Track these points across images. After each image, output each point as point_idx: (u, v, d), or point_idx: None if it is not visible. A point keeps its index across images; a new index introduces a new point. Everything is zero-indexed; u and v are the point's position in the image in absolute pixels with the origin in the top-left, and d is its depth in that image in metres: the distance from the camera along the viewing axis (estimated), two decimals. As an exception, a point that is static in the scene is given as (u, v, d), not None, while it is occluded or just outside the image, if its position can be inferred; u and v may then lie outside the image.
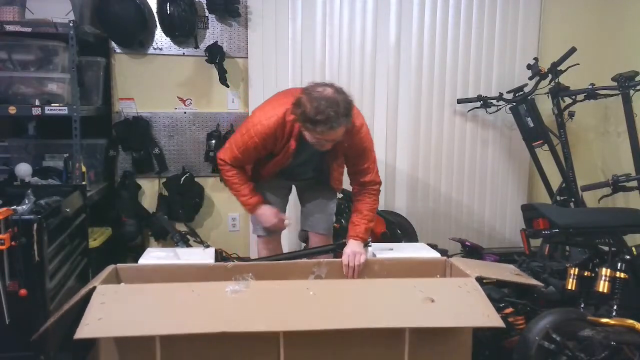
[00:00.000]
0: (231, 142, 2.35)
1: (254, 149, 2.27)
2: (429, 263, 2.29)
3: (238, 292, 1.80)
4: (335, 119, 2.02)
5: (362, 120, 2.30)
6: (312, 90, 2.06)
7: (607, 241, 2.22)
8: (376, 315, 1.77)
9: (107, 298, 1.74)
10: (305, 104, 2.03)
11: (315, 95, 2.03)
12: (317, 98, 2.02)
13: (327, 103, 2.01)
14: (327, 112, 2.00)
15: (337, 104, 2.02)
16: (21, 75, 2.86)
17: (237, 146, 2.30)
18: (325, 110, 1.99)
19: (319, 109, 2.00)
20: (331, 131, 2.05)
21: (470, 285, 1.91)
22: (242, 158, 2.33)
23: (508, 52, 3.63)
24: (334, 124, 2.02)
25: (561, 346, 1.94)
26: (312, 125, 2.05)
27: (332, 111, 2.00)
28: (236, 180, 2.36)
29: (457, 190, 3.73)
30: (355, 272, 2.20)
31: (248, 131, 2.26)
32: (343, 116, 2.04)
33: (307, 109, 2.02)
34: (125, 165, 3.45)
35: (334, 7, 3.47)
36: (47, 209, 2.21)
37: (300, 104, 2.05)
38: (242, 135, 2.29)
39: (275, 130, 2.22)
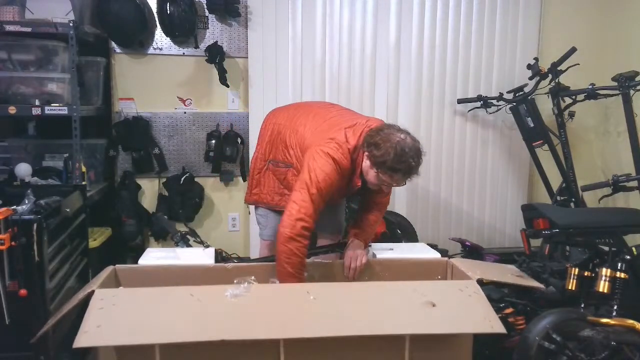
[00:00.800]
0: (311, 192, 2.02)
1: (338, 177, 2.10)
2: (429, 264, 2.29)
3: (238, 296, 1.79)
4: (415, 169, 2.05)
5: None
6: (390, 135, 2.03)
7: (607, 241, 2.22)
8: (377, 321, 1.76)
9: (106, 303, 1.73)
10: (387, 150, 2.00)
11: (398, 142, 2.01)
12: (402, 145, 2.01)
13: (410, 152, 2.02)
14: (409, 162, 2.02)
15: (418, 153, 2.04)
16: (21, 75, 2.86)
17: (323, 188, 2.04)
18: (408, 160, 2.01)
19: (403, 158, 2.01)
20: (405, 177, 2.07)
21: (471, 289, 1.90)
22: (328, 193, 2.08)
23: (508, 52, 3.63)
24: (411, 173, 2.06)
25: (561, 346, 1.93)
26: (390, 172, 2.04)
27: (414, 161, 2.03)
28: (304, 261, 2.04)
29: (457, 190, 3.73)
30: (355, 273, 2.19)
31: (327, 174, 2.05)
32: (418, 165, 2.06)
33: (388, 156, 2.00)
34: (125, 165, 3.45)
35: (334, 7, 3.47)
36: (47, 209, 2.21)
37: (378, 147, 2.02)
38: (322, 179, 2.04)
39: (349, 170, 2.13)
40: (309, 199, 2.02)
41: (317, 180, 2.04)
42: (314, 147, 2.14)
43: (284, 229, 2.00)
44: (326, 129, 2.21)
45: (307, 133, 2.27)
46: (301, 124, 2.34)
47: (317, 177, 2.04)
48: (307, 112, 2.42)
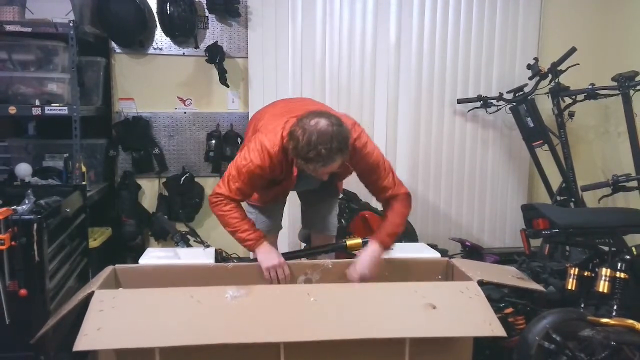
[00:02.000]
0: (230, 174, 2.13)
1: (259, 177, 2.12)
2: (430, 264, 2.28)
3: (238, 297, 1.79)
4: (328, 156, 1.91)
5: (364, 138, 2.15)
6: (305, 123, 1.93)
7: (607, 241, 2.22)
8: (377, 323, 1.76)
9: (106, 305, 1.72)
10: (297, 138, 1.91)
11: (308, 129, 1.90)
12: (310, 132, 1.89)
13: (319, 139, 1.88)
14: (319, 149, 1.88)
15: (331, 139, 1.89)
16: (21, 75, 2.87)
17: (241, 177, 2.10)
18: (318, 146, 1.88)
19: (311, 146, 1.89)
20: (324, 168, 1.96)
21: (472, 290, 1.89)
22: (247, 189, 2.15)
23: (508, 52, 3.63)
24: (327, 161, 1.93)
25: (561, 346, 1.93)
26: (304, 162, 1.95)
27: (325, 148, 1.88)
28: (235, 215, 2.14)
29: (457, 190, 3.73)
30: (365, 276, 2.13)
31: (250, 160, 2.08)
32: (337, 152, 1.92)
33: (299, 145, 1.91)
34: (125, 165, 3.45)
35: (334, 7, 3.47)
36: (47, 209, 2.21)
37: (293, 136, 1.94)
38: (243, 165, 2.09)
39: (279, 158, 2.08)
40: (226, 176, 2.14)
41: (238, 164, 2.11)
42: (258, 133, 2.16)
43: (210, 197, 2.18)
44: (278, 115, 2.20)
45: (265, 117, 2.28)
46: (268, 111, 2.37)
47: (240, 161, 2.10)
48: (279, 102, 2.48)
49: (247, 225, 2.16)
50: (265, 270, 2.13)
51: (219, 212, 2.16)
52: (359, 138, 2.13)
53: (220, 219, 2.17)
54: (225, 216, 2.15)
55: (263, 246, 2.16)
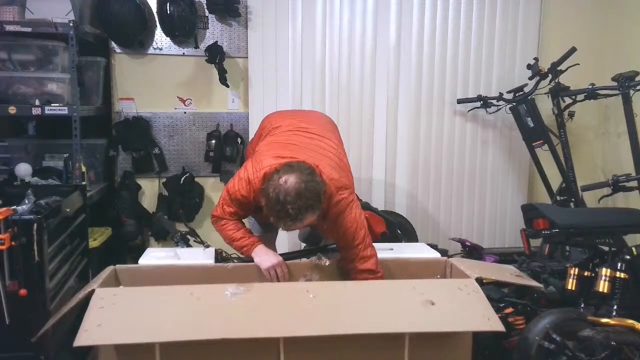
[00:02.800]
0: (224, 197, 2.19)
1: (247, 204, 2.15)
2: (429, 263, 2.29)
3: (238, 295, 1.79)
4: (296, 215, 1.87)
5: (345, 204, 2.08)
6: (275, 180, 1.90)
7: (607, 241, 2.22)
8: (376, 319, 1.77)
9: (106, 302, 1.73)
10: (268, 195, 1.90)
11: (276, 187, 1.88)
12: (278, 191, 1.87)
13: (287, 197, 1.85)
14: (287, 208, 1.86)
15: (298, 197, 1.85)
16: (21, 75, 2.87)
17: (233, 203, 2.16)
18: (286, 205, 1.85)
19: (279, 204, 1.86)
20: (296, 223, 1.92)
21: (470, 287, 1.90)
22: (240, 212, 2.20)
23: (508, 52, 3.63)
24: (295, 220, 1.89)
25: (561, 346, 1.93)
26: (275, 220, 1.93)
27: (292, 207, 1.85)
28: (231, 227, 2.19)
29: (457, 190, 3.73)
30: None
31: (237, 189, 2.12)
32: (306, 209, 1.88)
33: (269, 203, 1.90)
34: (125, 165, 3.45)
35: (334, 7, 3.47)
36: (47, 209, 2.21)
37: (264, 193, 1.93)
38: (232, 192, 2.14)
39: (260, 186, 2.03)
40: (221, 200, 2.21)
41: (229, 189, 2.16)
42: (251, 159, 2.19)
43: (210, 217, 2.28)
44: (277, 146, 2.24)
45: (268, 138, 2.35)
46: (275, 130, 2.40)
47: (231, 187, 2.15)
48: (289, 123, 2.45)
49: (241, 233, 2.20)
50: (264, 271, 2.14)
51: (218, 228, 2.26)
52: (340, 202, 2.08)
53: (220, 233, 2.26)
54: (223, 230, 2.23)
55: (259, 249, 2.18)
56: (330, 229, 2.14)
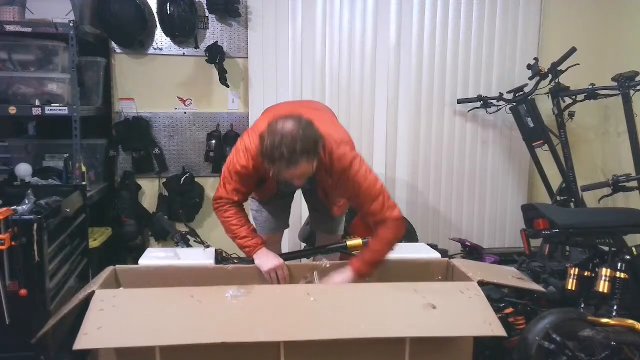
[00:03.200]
0: (224, 175, 2.18)
1: (247, 176, 2.14)
2: (430, 264, 2.28)
3: (238, 297, 1.79)
4: (290, 158, 1.85)
5: (351, 156, 2.08)
6: (273, 125, 1.90)
7: (607, 241, 2.22)
8: (377, 323, 1.76)
9: (106, 304, 1.73)
10: (264, 140, 1.89)
11: (273, 131, 1.88)
12: (274, 133, 1.87)
13: (282, 140, 1.85)
14: (282, 150, 1.84)
15: (294, 141, 1.84)
16: (21, 75, 2.87)
17: (233, 178, 2.15)
18: (281, 147, 1.84)
19: (275, 146, 1.85)
20: (290, 169, 1.89)
21: (472, 290, 1.90)
22: (241, 188, 2.17)
23: (508, 52, 3.63)
24: (290, 163, 1.87)
25: (561, 346, 1.93)
26: (270, 163, 1.90)
27: (287, 150, 1.84)
28: (235, 222, 2.18)
29: (457, 190, 3.73)
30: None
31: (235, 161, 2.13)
32: (301, 153, 1.86)
33: (264, 146, 1.88)
34: (125, 165, 3.45)
35: (334, 7, 3.46)
36: (47, 209, 2.21)
37: (261, 139, 1.91)
38: (231, 166, 2.14)
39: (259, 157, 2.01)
40: (222, 179, 2.19)
41: (227, 164, 2.17)
42: (246, 131, 2.22)
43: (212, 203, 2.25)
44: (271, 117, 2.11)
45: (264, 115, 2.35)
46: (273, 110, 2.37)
47: (229, 162, 2.17)
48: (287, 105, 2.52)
49: (245, 232, 2.19)
50: (265, 273, 2.15)
51: (220, 218, 2.22)
52: (343, 156, 2.07)
53: (222, 225, 2.23)
54: (226, 222, 2.20)
55: (260, 252, 2.19)
56: (342, 188, 2.11)
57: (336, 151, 2.06)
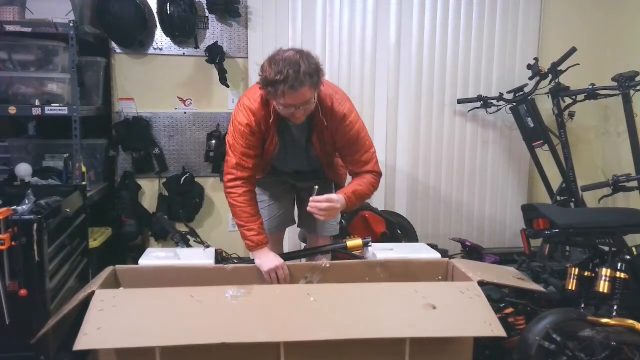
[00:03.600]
0: (228, 144, 2.21)
1: (250, 135, 2.15)
2: (430, 264, 2.27)
3: (238, 297, 1.79)
4: (295, 78, 1.89)
5: (350, 107, 2.21)
6: (273, 54, 1.98)
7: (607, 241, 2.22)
8: (377, 323, 1.76)
9: (106, 304, 1.73)
10: (265, 67, 1.96)
11: (275, 57, 1.95)
12: (277, 59, 1.94)
13: (285, 63, 1.91)
14: (286, 71, 1.89)
15: (298, 64, 1.91)
16: (21, 75, 2.87)
17: (237, 142, 2.16)
18: (284, 69, 1.89)
19: (277, 69, 1.90)
20: (293, 92, 1.92)
21: (472, 291, 1.89)
22: (248, 151, 2.17)
23: (508, 52, 3.63)
24: (294, 83, 1.90)
25: (561, 346, 1.93)
26: (273, 89, 1.94)
27: (292, 70, 1.89)
28: (248, 210, 2.17)
29: (457, 190, 3.73)
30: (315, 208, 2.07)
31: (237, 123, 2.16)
32: (305, 75, 1.91)
33: (266, 71, 1.94)
34: (125, 165, 3.45)
35: (334, 7, 3.47)
36: (47, 209, 2.21)
37: (262, 68, 1.98)
38: (233, 130, 2.18)
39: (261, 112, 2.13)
40: (230, 152, 2.19)
41: (230, 131, 2.19)
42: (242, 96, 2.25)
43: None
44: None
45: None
46: None
47: (230, 129, 2.20)
48: None
49: (255, 225, 2.19)
50: (265, 273, 2.14)
51: (232, 200, 2.19)
52: (342, 102, 2.18)
53: (232, 208, 2.21)
54: (237, 207, 2.18)
55: (262, 251, 2.18)
56: (339, 134, 2.17)
57: (336, 97, 2.16)
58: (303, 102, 1.99)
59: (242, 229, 2.20)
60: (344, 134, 2.18)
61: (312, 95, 2.00)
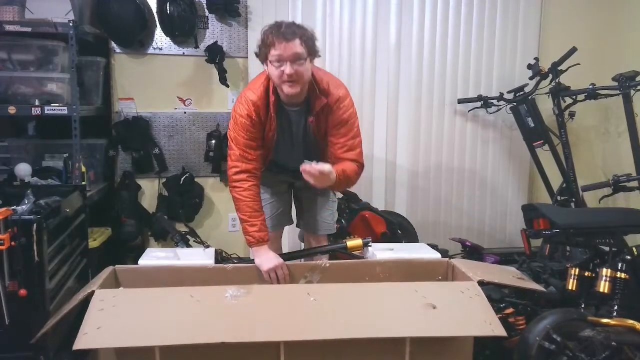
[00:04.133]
0: (230, 137, 2.25)
1: (251, 126, 2.19)
2: (430, 264, 2.27)
3: (238, 297, 1.79)
4: (288, 27, 2.04)
5: (345, 93, 2.25)
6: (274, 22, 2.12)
7: (607, 241, 2.21)
8: (377, 323, 1.76)
9: (106, 304, 1.73)
10: (262, 31, 2.09)
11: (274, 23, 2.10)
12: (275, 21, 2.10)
13: (282, 22, 2.08)
14: (278, 24, 2.06)
15: (294, 24, 2.09)
16: (21, 75, 2.86)
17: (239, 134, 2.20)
18: (281, 26, 2.05)
19: (274, 26, 2.05)
20: (284, 40, 2.02)
21: (472, 290, 1.89)
22: (250, 142, 2.20)
23: (508, 52, 3.63)
24: (286, 31, 2.02)
25: (562, 346, 1.93)
26: (266, 47, 2.05)
27: (286, 26, 2.04)
28: (252, 205, 2.18)
29: (457, 190, 3.73)
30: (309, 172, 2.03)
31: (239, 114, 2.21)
32: (299, 28, 2.06)
33: (263, 33, 2.07)
34: (125, 165, 3.45)
35: (334, 7, 3.46)
36: (46, 209, 2.21)
37: (260, 37, 2.10)
38: (235, 122, 2.23)
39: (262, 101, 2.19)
40: (233, 146, 2.22)
41: (231, 123, 2.23)
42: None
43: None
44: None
45: None
46: None
47: (231, 121, 2.24)
48: None
49: (258, 221, 2.20)
50: (265, 273, 2.14)
51: (237, 194, 2.21)
52: (338, 87, 2.25)
53: (236, 202, 2.22)
54: (242, 201, 2.20)
55: (262, 249, 2.18)
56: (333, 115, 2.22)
57: (333, 81, 2.25)
58: (294, 56, 2.05)
59: (244, 224, 2.20)
60: (337, 116, 2.22)
61: (303, 52, 2.07)
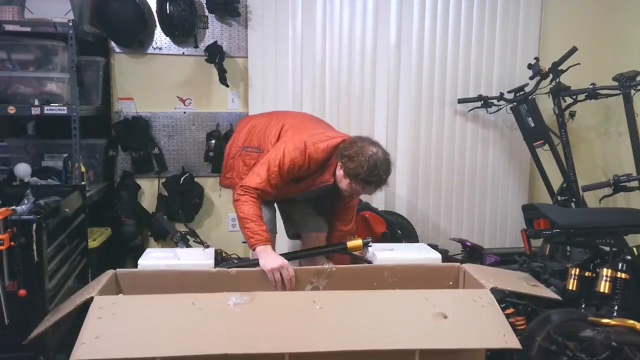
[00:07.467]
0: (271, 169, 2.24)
1: (296, 173, 2.29)
2: (441, 269, 2.21)
3: (241, 305, 1.74)
4: (385, 181, 2.23)
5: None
6: (364, 148, 2.20)
7: (608, 241, 2.21)
8: (386, 333, 1.69)
9: (105, 312, 1.68)
10: (360, 163, 2.17)
11: (370, 156, 2.18)
12: (373, 160, 2.17)
13: (381, 166, 2.19)
14: (381, 176, 2.20)
15: (388, 168, 2.22)
16: (20, 75, 2.86)
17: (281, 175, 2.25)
18: (379, 173, 2.19)
19: (374, 172, 2.18)
20: (377, 189, 2.27)
21: (485, 299, 1.82)
22: (282, 185, 2.28)
23: (509, 52, 3.62)
24: (381, 185, 2.24)
25: (562, 347, 1.93)
26: (362, 184, 2.22)
27: (385, 175, 2.21)
28: (259, 214, 2.22)
29: (457, 190, 3.72)
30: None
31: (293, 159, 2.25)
32: (388, 178, 2.25)
33: (362, 169, 2.17)
34: (124, 165, 3.44)
35: (334, 7, 3.46)
36: (46, 209, 2.21)
37: (352, 159, 2.18)
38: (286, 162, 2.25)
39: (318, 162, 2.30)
40: (266, 173, 2.25)
41: (282, 160, 2.25)
42: (290, 135, 2.36)
43: (236, 192, 2.27)
44: (308, 128, 2.42)
45: (289, 125, 2.46)
46: (289, 117, 2.59)
47: (282, 158, 2.25)
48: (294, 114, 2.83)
49: (263, 223, 2.23)
50: (268, 272, 2.09)
51: (244, 205, 2.22)
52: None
53: (244, 205, 2.21)
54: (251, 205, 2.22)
55: (267, 249, 2.16)
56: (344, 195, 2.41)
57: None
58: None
59: (252, 224, 2.19)
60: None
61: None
